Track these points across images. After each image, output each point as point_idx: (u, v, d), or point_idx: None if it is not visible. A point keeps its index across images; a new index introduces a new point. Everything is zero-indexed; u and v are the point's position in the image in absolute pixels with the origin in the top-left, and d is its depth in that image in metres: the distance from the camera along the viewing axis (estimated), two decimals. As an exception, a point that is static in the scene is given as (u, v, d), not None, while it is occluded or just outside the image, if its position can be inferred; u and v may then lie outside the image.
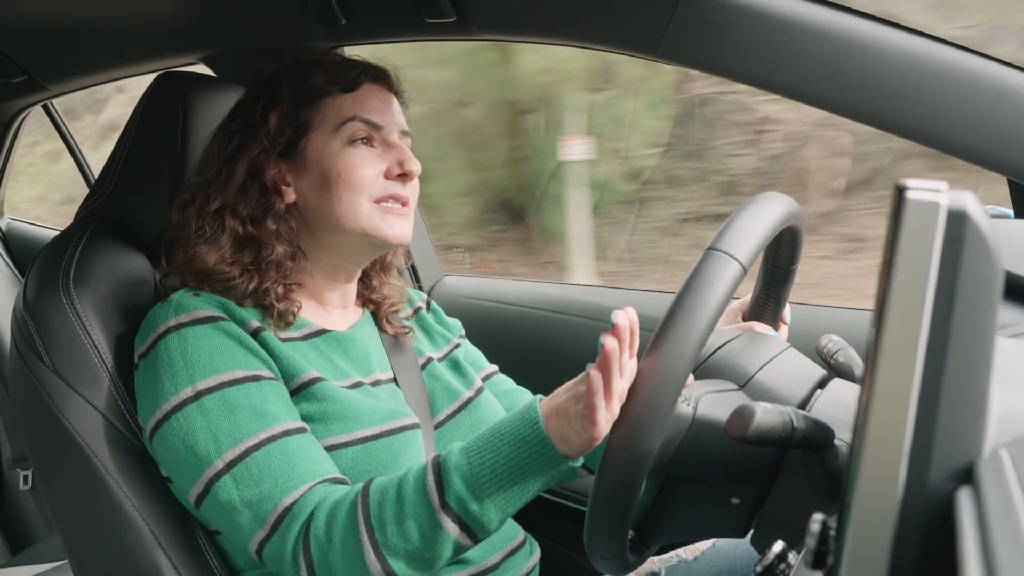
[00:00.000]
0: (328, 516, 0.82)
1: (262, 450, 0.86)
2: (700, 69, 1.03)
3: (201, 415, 0.87)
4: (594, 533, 0.74)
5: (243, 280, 0.96)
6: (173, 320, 0.92)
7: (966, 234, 0.41)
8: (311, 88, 1.00)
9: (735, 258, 0.72)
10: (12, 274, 2.27)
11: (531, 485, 0.78)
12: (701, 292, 0.70)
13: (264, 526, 0.84)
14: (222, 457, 0.85)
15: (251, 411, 0.87)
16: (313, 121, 0.99)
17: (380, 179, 0.98)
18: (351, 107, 0.99)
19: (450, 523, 0.79)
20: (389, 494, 0.81)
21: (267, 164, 0.99)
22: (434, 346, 1.15)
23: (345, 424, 0.93)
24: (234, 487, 0.85)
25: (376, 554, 0.80)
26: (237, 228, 0.98)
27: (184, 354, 0.89)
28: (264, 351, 0.93)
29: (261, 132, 0.99)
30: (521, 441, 0.77)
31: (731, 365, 0.84)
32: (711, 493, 0.82)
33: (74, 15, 1.41)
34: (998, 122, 0.87)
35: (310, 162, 0.99)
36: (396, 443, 0.94)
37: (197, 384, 0.88)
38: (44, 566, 1.75)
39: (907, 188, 0.42)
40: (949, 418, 0.41)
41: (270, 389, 0.90)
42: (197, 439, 0.86)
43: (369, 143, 0.99)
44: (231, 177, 0.98)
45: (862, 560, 0.42)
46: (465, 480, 0.78)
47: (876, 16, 0.92)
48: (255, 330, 0.94)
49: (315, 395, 0.93)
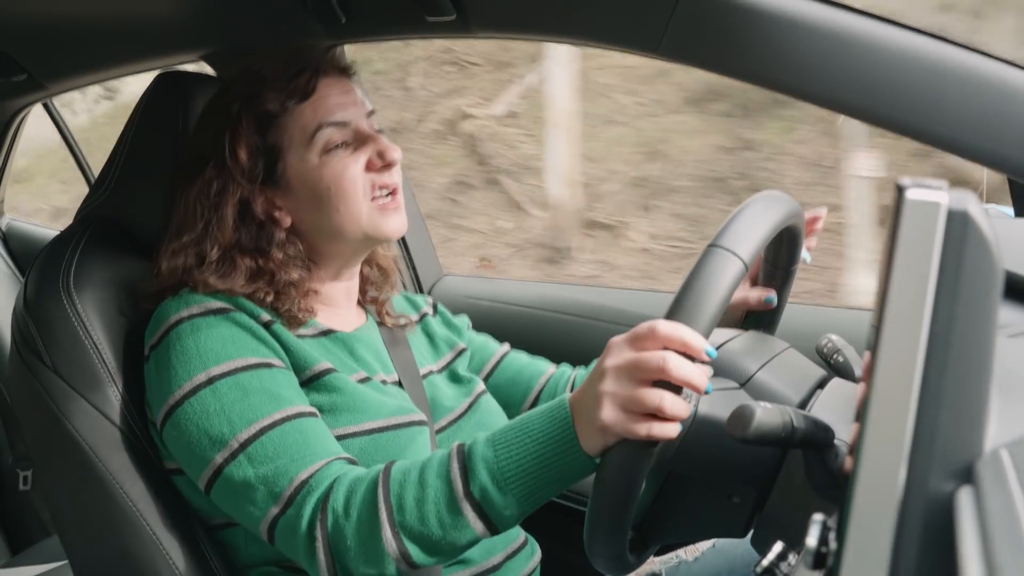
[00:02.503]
0: (348, 490, 0.82)
1: (276, 429, 0.86)
2: (701, 67, 1.03)
3: (215, 398, 0.87)
4: (594, 533, 0.74)
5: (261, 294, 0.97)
6: (184, 311, 0.92)
7: (966, 234, 0.41)
8: (268, 112, 0.99)
9: (737, 255, 0.71)
10: (12, 274, 2.27)
11: (554, 482, 0.77)
12: (703, 289, 0.70)
13: (279, 502, 0.84)
14: (236, 438, 0.86)
15: (264, 394, 0.88)
16: (282, 142, 0.99)
17: (365, 175, 0.98)
18: (313, 115, 0.98)
19: (471, 512, 0.78)
20: (411, 476, 0.81)
21: (253, 198, 0.99)
22: (436, 355, 1.15)
23: (354, 415, 0.93)
24: (249, 465, 0.85)
25: (393, 532, 0.79)
26: (251, 264, 0.98)
27: (196, 342, 0.90)
28: (276, 342, 0.93)
29: (235, 172, 0.98)
30: (549, 437, 0.76)
31: (731, 364, 0.84)
32: (711, 493, 0.82)
33: (74, 13, 1.41)
34: (999, 120, 0.86)
35: (294, 182, 0.99)
36: (404, 436, 0.95)
37: (210, 370, 0.89)
38: (44, 566, 1.75)
39: (907, 188, 0.42)
40: (949, 418, 0.41)
41: (282, 376, 0.91)
42: (211, 422, 0.87)
43: (345, 145, 0.98)
44: (222, 224, 0.97)
45: (862, 560, 0.42)
46: (491, 472, 0.77)
47: (877, 14, 0.92)
48: (267, 323, 0.94)
49: (326, 386, 0.93)
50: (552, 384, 1.19)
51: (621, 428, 0.71)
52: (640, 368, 0.70)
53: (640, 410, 0.70)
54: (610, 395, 0.71)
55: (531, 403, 1.19)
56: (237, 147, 0.98)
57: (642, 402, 0.70)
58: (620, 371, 0.71)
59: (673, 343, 0.69)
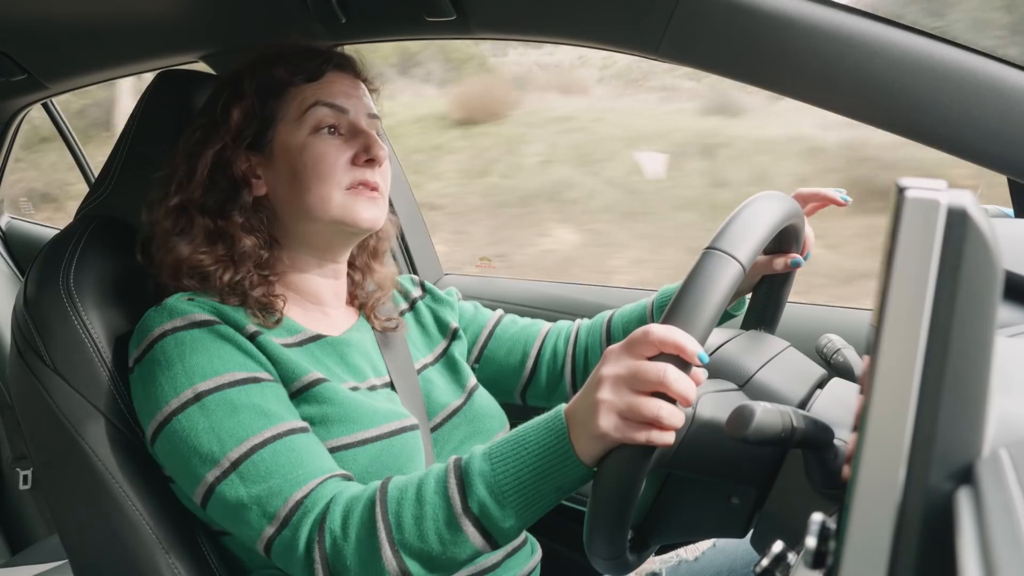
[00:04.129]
0: (345, 511, 0.81)
1: (268, 447, 0.85)
2: (701, 68, 1.03)
3: (203, 416, 0.86)
4: (594, 533, 0.74)
5: (218, 269, 0.96)
6: (168, 324, 0.91)
7: (966, 234, 0.41)
8: (274, 80, 1.00)
9: (735, 257, 0.71)
10: (12, 273, 2.28)
11: (552, 493, 0.77)
12: (701, 292, 0.70)
13: (273, 522, 0.83)
14: (227, 456, 0.84)
15: (254, 410, 0.87)
16: (278, 112, 1.00)
17: (348, 167, 0.98)
18: (313, 94, 0.99)
19: (470, 528, 0.78)
20: (408, 493, 0.80)
21: (235, 158, 0.99)
22: (430, 345, 1.15)
23: (346, 426, 0.92)
24: (241, 485, 0.84)
25: (393, 551, 0.79)
26: (207, 223, 0.98)
27: (181, 357, 0.88)
28: (262, 355, 0.92)
29: (223, 127, 0.99)
30: (545, 449, 0.76)
31: (731, 365, 0.84)
32: (711, 493, 0.82)
33: (74, 14, 1.41)
34: (998, 121, 0.87)
35: (278, 153, 0.99)
36: (397, 445, 0.94)
37: (197, 386, 0.87)
38: (44, 566, 1.75)
39: (907, 187, 0.42)
40: (949, 418, 0.41)
41: (271, 390, 0.90)
42: (200, 440, 0.85)
43: (336, 131, 0.99)
44: (193, 172, 0.98)
45: (862, 560, 0.42)
46: (489, 487, 0.77)
47: (876, 15, 0.92)
48: (252, 334, 0.93)
49: (316, 397, 0.92)
50: (553, 336, 1.20)
51: (619, 435, 0.71)
52: (639, 379, 0.70)
53: (638, 419, 0.70)
54: (608, 403, 0.71)
55: (533, 360, 1.19)
56: (232, 105, 0.99)
57: (640, 411, 0.70)
58: (619, 380, 0.71)
59: (667, 347, 0.69)
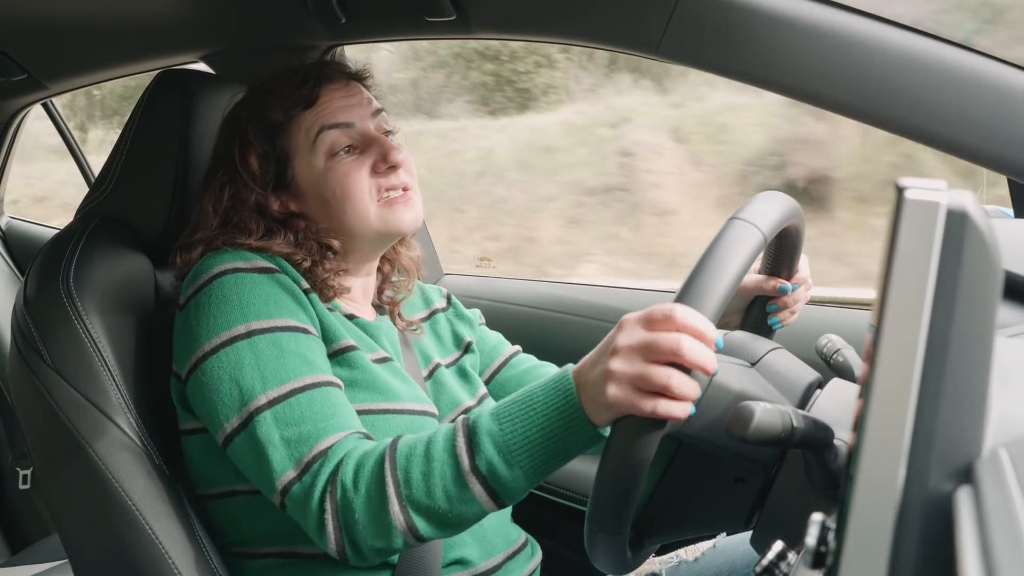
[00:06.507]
0: (357, 464, 0.83)
1: (306, 393, 0.87)
2: (700, 68, 1.03)
3: (251, 352, 0.88)
4: (594, 533, 0.74)
5: (299, 258, 0.99)
6: (230, 264, 0.93)
7: (966, 234, 0.41)
8: (274, 122, 1.01)
9: (758, 227, 0.72)
10: (12, 273, 2.27)
11: (561, 453, 0.77)
12: (724, 256, 0.70)
13: (297, 466, 0.84)
14: (266, 393, 0.87)
15: (299, 357, 0.89)
16: (290, 148, 1.01)
17: (372, 178, 0.99)
18: (315, 120, 1.00)
19: (477, 486, 0.79)
20: (417, 450, 0.81)
21: (268, 202, 1.01)
22: (444, 351, 1.16)
23: (371, 394, 0.95)
24: (274, 424, 0.86)
25: (400, 506, 0.80)
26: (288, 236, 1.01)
27: (240, 295, 0.91)
28: (312, 310, 0.95)
29: (246, 177, 1.00)
30: (554, 410, 0.76)
31: (740, 347, 0.84)
32: (721, 473, 0.81)
33: (74, 14, 1.41)
34: (998, 121, 0.87)
35: (303, 186, 1.01)
36: (416, 424, 0.96)
37: (251, 324, 0.90)
38: (44, 566, 1.75)
39: (906, 188, 0.42)
40: (949, 418, 0.41)
41: (316, 344, 0.93)
42: (244, 373, 0.88)
43: (351, 149, 1.00)
44: (241, 224, 1.00)
45: (861, 560, 0.42)
46: (497, 446, 0.78)
47: (876, 15, 0.92)
48: (306, 290, 0.97)
49: (348, 362, 0.96)
50: None
51: (627, 404, 0.71)
52: (653, 349, 0.70)
53: (648, 388, 0.70)
54: (619, 372, 0.71)
55: None
56: (247, 155, 1.01)
57: (650, 379, 0.70)
58: (632, 350, 0.71)
59: (688, 330, 0.69)
